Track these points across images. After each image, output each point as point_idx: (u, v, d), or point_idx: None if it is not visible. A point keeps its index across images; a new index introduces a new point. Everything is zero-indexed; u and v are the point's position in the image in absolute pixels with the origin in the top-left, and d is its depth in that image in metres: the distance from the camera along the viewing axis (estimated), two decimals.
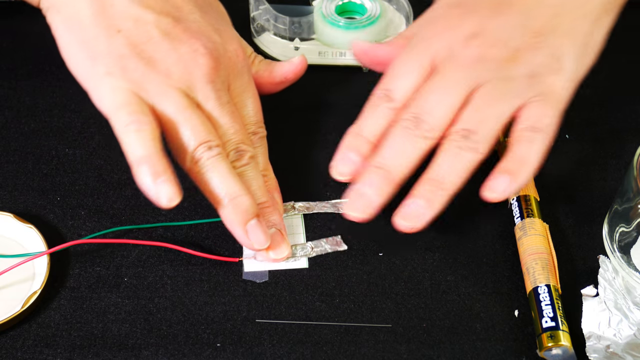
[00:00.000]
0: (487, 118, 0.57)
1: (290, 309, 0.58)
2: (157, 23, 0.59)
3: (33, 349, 0.56)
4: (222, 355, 0.56)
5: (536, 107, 0.58)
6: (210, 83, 0.59)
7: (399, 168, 0.57)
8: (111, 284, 0.59)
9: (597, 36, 0.62)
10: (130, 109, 0.56)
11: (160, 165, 0.55)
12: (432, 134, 0.58)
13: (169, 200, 0.55)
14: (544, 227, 0.60)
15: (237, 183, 0.57)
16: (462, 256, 0.61)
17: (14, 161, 0.65)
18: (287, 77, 0.65)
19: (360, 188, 0.58)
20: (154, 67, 0.58)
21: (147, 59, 0.58)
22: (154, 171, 0.55)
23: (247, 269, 0.60)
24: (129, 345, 0.56)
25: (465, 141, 0.57)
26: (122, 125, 0.56)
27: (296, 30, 0.72)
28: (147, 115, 0.56)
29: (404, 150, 0.57)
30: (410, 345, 0.56)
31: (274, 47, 0.73)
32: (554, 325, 0.55)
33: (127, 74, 0.57)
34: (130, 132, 0.55)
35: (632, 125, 0.69)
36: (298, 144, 0.67)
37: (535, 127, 0.57)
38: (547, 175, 0.65)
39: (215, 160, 0.57)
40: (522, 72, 0.59)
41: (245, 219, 0.57)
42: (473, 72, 0.59)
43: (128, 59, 0.57)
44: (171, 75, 0.58)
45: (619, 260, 0.59)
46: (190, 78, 0.58)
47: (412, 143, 0.57)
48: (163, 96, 0.57)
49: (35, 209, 0.63)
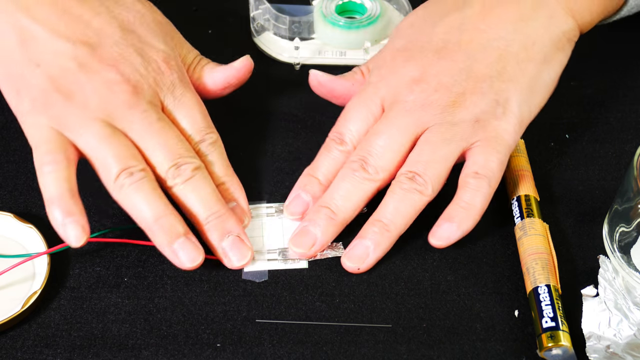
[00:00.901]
0: (432, 161, 0.59)
1: (290, 309, 0.58)
2: (73, 54, 0.59)
3: (33, 349, 0.56)
4: (222, 355, 0.56)
5: (480, 151, 0.60)
6: (131, 108, 0.58)
7: (344, 209, 0.60)
8: (111, 284, 0.59)
9: (547, 76, 0.63)
10: (46, 148, 0.57)
11: (70, 206, 0.56)
12: (377, 176, 0.60)
13: (77, 240, 0.56)
14: (544, 227, 0.60)
15: (161, 204, 0.57)
16: (462, 256, 0.61)
17: (14, 161, 0.65)
18: (230, 82, 0.65)
19: (306, 226, 0.60)
20: (73, 100, 0.58)
21: (65, 92, 0.58)
22: (63, 211, 0.56)
23: (246, 268, 0.60)
24: (129, 345, 0.56)
25: (411, 183, 0.59)
26: (38, 164, 0.57)
27: (296, 29, 0.72)
28: (62, 154, 0.57)
29: (350, 191, 0.60)
30: (410, 345, 0.56)
31: (274, 47, 0.73)
32: (554, 326, 0.55)
33: (48, 109, 0.58)
34: (44, 173, 0.57)
35: (632, 125, 0.69)
36: (298, 143, 0.67)
37: (479, 173, 0.59)
38: (547, 175, 0.65)
39: (138, 185, 0.57)
40: (466, 117, 0.60)
41: (170, 239, 0.57)
42: (418, 117, 0.60)
43: (48, 93, 0.58)
44: (89, 106, 0.58)
45: (619, 260, 0.59)
46: (109, 107, 0.58)
47: (357, 185, 0.60)
48: (83, 128, 0.58)
49: (35, 209, 0.63)
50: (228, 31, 0.75)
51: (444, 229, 0.59)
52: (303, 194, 0.61)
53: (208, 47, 0.71)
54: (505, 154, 0.60)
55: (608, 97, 0.71)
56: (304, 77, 0.67)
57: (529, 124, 0.62)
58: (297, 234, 0.60)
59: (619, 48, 0.74)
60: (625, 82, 0.72)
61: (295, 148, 0.67)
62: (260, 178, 0.65)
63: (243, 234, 0.59)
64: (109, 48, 0.60)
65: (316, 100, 0.69)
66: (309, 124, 0.68)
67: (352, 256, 0.59)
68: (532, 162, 0.65)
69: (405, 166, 0.60)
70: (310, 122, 0.68)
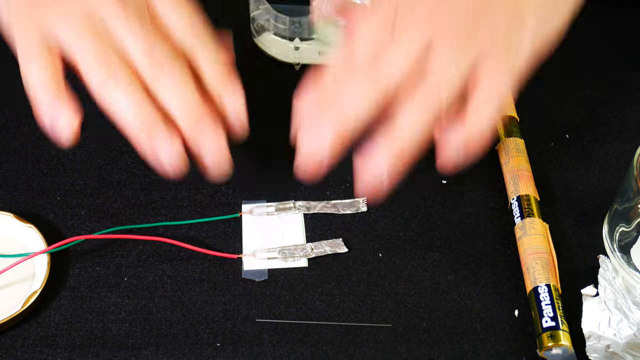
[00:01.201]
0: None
1: (290, 308, 0.58)
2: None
3: (33, 349, 0.56)
4: (222, 355, 0.56)
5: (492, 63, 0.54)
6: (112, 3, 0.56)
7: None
8: (111, 283, 0.59)
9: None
10: (32, 50, 0.55)
11: (58, 92, 0.54)
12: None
13: (70, 127, 0.54)
14: (544, 227, 0.60)
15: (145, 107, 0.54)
16: (462, 256, 0.61)
17: (14, 161, 0.66)
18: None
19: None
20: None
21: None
22: (52, 96, 0.54)
23: (246, 267, 0.60)
24: (129, 345, 0.56)
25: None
26: (22, 66, 0.55)
27: (296, 30, 0.72)
28: (47, 51, 0.55)
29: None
30: (410, 345, 0.56)
31: (274, 47, 0.73)
32: (554, 325, 0.55)
33: (34, 9, 0.56)
34: (29, 69, 0.55)
35: (632, 125, 0.69)
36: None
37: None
38: (547, 175, 0.65)
39: (121, 87, 0.54)
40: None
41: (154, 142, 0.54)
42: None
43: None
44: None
45: (619, 260, 0.59)
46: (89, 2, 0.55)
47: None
48: (62, 23, 0.55)
49: (35, 209, 0.63)
50: (228, 31, 0.75)
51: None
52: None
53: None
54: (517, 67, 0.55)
55: (608, 97, 0.71)
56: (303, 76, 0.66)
57: (529, 123, 0.62)
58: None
59: (619, 48, 0.74)
60: (625, 82, 0.72)
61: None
62: (260, 178, 0.65)
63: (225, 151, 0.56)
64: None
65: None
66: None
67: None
68: (532, 162, 0.65)
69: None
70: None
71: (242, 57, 0.68)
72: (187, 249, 0.60)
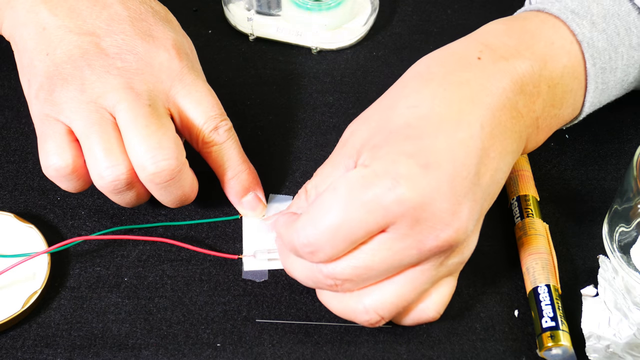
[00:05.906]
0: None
1: (290, 308, 0.58)
2: (78, 43, 0.58)
3: (33, 349, 0.56)
4: (222, 355, 0.56)
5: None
6: (124, 92, 0.57)
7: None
8: (111, 283, 0.59)
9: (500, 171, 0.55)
10: (51, 146, 0.57)
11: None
12: None
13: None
14: (544, 227, 0.60)
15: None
16: None
17: (14, 161, 0.66)
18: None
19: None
20: (70, 84, 0.57)
21: (65, 77, 0.57)
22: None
23: (246, 267, 0.60)
24: (129, 345, 0.56)
25: None
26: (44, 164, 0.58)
27: (263, 2, 0.72)
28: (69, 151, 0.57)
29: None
30: (410, 345, 0.57)
31: (237, 18, 0.74)
32: (554, 325, 0.55)
33: (49, 94, 0.57)
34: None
35: (632, 125, 0.69)
36: (298, 143, 0.67)
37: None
38: (547, 175, 0.65)
39: (120, 191, 0.57)
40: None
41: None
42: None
43: (51, 79, 0.58)
44: (85, 90, 0.57)
45: (619, 260, 0.59)
46: (103, 90, 0.57)
47: None
48: (75, 114, 0.57)
49: (35, 209, 0.63)
50: (228, 31, 0.75)
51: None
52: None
53: (208, 47, 0.71)
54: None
55: None
56: (305, 75, 0.67)
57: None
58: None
59: None
60: None
61: (295, 148, 0.67)
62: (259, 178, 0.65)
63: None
64: (116, 36, 0.59)
65: (316, 100, 0.69)
66: (309, 124, 0.68)
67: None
68: (532, 162, 0.65)
69: None
70: (310, 122, 0.68)
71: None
72: (187, 250, 0.60)
